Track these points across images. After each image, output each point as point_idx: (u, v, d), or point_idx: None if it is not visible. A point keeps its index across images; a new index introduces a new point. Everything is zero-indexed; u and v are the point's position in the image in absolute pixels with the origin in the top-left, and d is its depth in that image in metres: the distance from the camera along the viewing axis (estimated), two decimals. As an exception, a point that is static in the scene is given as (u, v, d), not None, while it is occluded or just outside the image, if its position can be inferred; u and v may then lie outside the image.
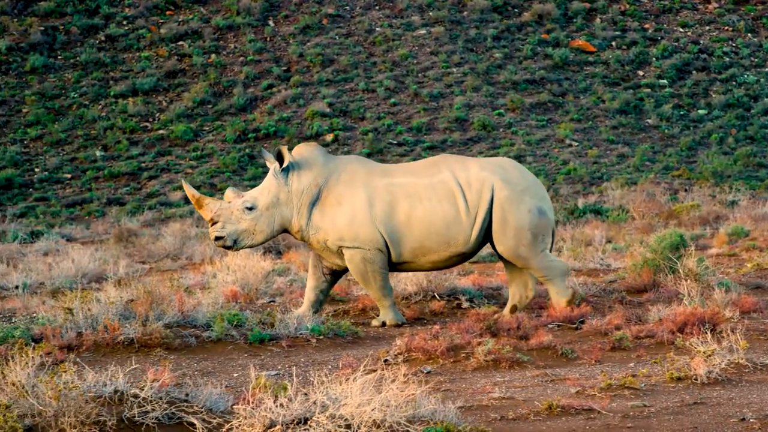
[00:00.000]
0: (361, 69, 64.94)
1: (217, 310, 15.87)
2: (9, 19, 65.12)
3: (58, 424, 9.79)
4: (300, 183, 16.73)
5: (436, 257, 16.81)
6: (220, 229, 16.61)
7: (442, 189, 16.72)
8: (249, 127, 59.59)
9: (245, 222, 16.61)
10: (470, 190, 16.75)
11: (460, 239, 16.71)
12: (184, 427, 10.04)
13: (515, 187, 16.83)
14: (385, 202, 16.62)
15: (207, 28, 66.53)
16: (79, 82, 62.46)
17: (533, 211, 16.84)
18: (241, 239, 16.67)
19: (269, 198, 16.69)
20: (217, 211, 16.63)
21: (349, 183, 16.72)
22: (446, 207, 16.66)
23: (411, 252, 16.72)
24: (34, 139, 58.14)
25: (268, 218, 16.68)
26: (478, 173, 16.83)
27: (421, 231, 16.61)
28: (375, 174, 16.87)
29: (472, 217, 16.72)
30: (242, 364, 14.05)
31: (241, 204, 16.65)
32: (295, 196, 16.70)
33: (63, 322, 14.88)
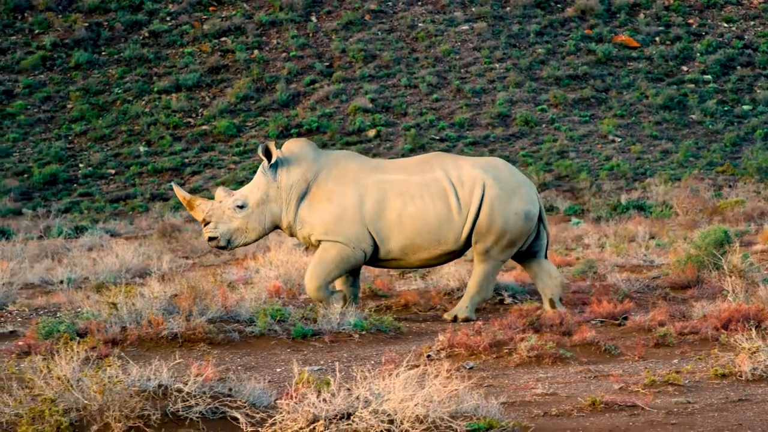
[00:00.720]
0: (404, 65, 64.91)
1: (260, 306, 15.90)
2: (54, 16, 65.54)
3: (103, 419, 9.84)
4: (289, 178, 16.64)
5: (426, 255, 16.71)
6: (212, 230, 16.57)
7: (434, 187, 16.64)
8: (291, 122, 59.70)
9: (237, 221, 16.56)
10: (462, 188, 16.68)
11: (451, 237, 16.63)
12: (228, 422, 10.07)
13: (505, 186, 16.78)
14: (375, 200, 16.52)
15: (250, 23, 66.69)
16: (123, 78, 62.79)
17: (520, 214, 16.79)
18: (234, 238, 16.63)
19: (259, 195, 16.64)
20: (208, 211, 16.58)
21: (340, 179, 16.61)
22: (439, 205, 16.58)
23: (401, 249, 16.62)
24: (79, 135, 58.50)
25: (259, 215, 16.62)
26: (470, 171, 16.77)
27: (413, 229, 16.52)
28: (366, 170, 16.77)
29: (464, 215, 16.65)
30: (285, 359, 14.08)
31: (232, 203, 16.60)
32: (284, 191, 16.62)
33: (107, 317, 14.96)
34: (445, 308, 17.81)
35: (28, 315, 16.90)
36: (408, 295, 18.36)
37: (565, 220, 43.56)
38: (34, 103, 60.48)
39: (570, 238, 33.75)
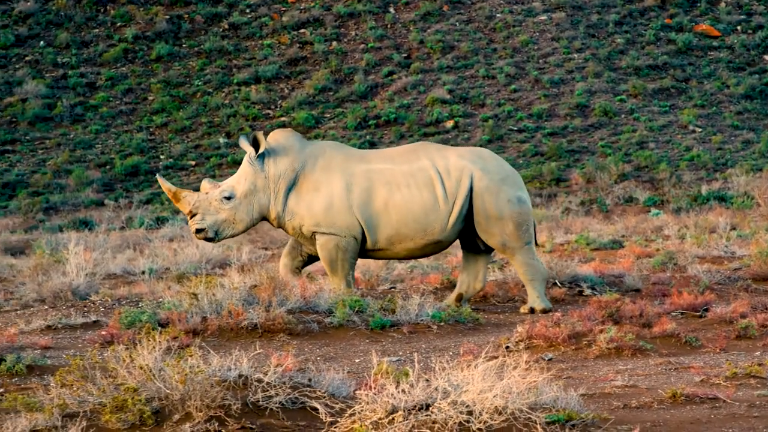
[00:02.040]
0: (482, 55, 64.73)
1: (338, 296, 15.96)
2: (136, 9, 66.19)
3: (185, 408, 9.93)
4: (276, 169, 16.56)
5: (412, 245, 16.65)
6: (199, 221, 16.42)
7: (421, 176, 16.57)
8: (369, 114, 59.79)
9: (224, 212, 16.43)
10: (449, 178, 16.60)
11: (437, 227, 16.55)
12: (307, 412, 10.12)
13: (494, 176, 16.72)
14: (362, 189, 16.46)
15: (328, 15, 66.87)
16: (203, 70, 63.26)
17: (512, 200, 16.72)
18: (222, 230, 16.50)
19: (247, 186, 16.54)
20: (195, 203, 16.42)
21: (327, 169, 16.55)
22: (425, 194, 16.51)
23: (387, 239, 16.57)
24: (160, 127, 59.05)
25: (247, 206, 16.51)
26: (456, 161, 16.70)
27: (399, 218, 16.47)
28: (352, 160, 16.70)
29: (449, 205, 16.57)
30: (364, 350, 14.12)
31: (219, 194, 16.46)
32: (272, 182, 16.53)
33: (188, 307, 15.10)
34: (523, 299, 17.76)
35: (110, 305, 17.11)
36: (486, 286, 18.33)
37: (645, 211, 43.22)
38: (116, 95, 61.15)
39: (649, 229, 33.49)
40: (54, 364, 12.89)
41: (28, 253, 29.76)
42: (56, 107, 59.25)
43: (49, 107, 59.30)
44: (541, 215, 39.02)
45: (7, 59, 62.51)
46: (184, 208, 16.49)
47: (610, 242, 28.49)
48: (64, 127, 58.32)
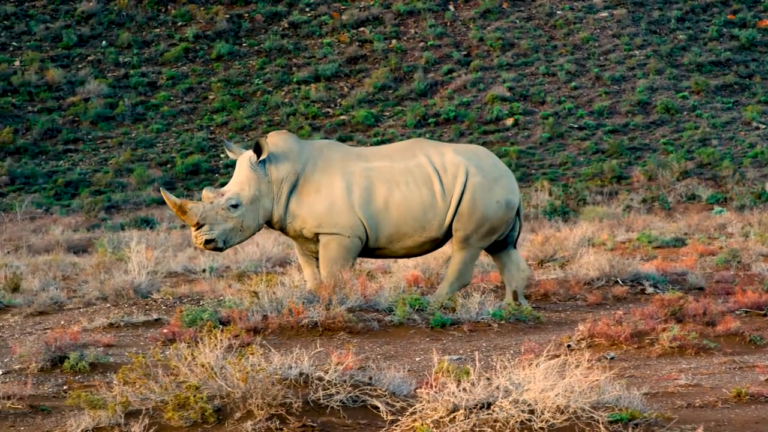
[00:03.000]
0: (542, 53, 64.49)
1: (398, 295, 15.94)
2: (196, 8, 66.57)
3: (246, 406, 9.95)
4: (279, 172, 16.36)
5: (411, 243, 16.49)
6: (208, 232, 16.07)
7: (419, 173, 16.44)
8: (429, 112, 59.75)
9: (232, 220, 16.15)
10: (446, 174, 16.48)
11: (435, 224, 16.42)
12: (368, 411, 10.11)
13: (487, 174, 16.60)
14: (362, 188, 16.31)
15: (388, 13, 66.89)
16: (263, 68, 63.50)
17: (501, 202, 16.60)
18: (230, 238, 16.21)
19: (252, 191, 16.29)
20: (201, 214, 16.08)
21: (326, 169, 16.40)
22: (423, 191, 16.38)
23: (387, 238, 16.41)
24: (220, 126, 59.35)
25: (253, 212, 16.26)
26: (452, 158, 16.57)
27: (398, 216, 16.33)
28: (350, 159, 16.55)
29: (447, 201, 16.44)
30: (424, 348, 14.09)
31: (225, 202, 16.16)
32: (275, 185, 16.33)
33: (249, 306, 15.15)
34: (584, 298, 17.66)
35: (172, 303, 17.20)
36: (547, 284, 18.24)
37: (708, 208, 42.86)
38: (177, 94, 61.54)
39: (712, 227, 33.20)
40: (116, 362, 12.99)
41: (91, 252, 30.03)
42: (118, 106, 59.73)
43: (111, 107, 59.79)
44: (602, 213, 38.81)
45: (69, 59, 63.10)
46: (191, 220, 16.11)
47: (673, 240, 28.27)
48: (126, 127, 58.78)
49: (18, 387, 11.43)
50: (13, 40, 63.94)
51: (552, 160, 55.06)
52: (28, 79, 60.70)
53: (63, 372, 12.67)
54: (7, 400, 11.03)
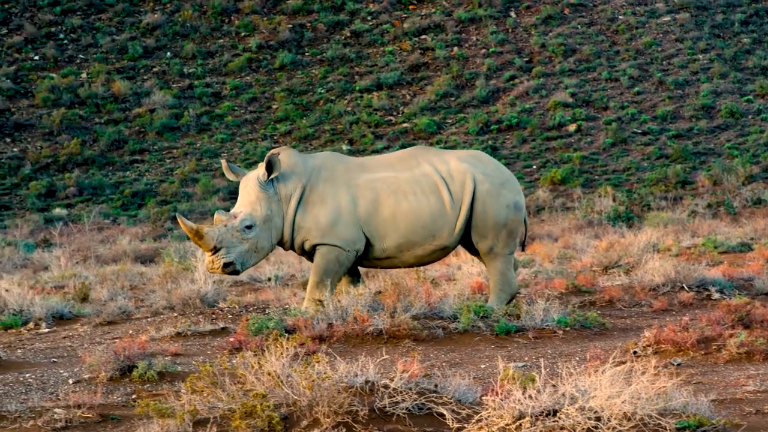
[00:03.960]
0: (604, 58, 64.18)
1: (463, 302, 15.95)
2: (259, 18, 66.95)
3: (312, 414, 10.01)
4: (286, 189, 16.28)
5: (421, 251, 16.40)
6: (225, 255, 15.96)
7: (425, 182, 16.36)
8: (491, 118, 59.66)
9: (247, 242, 16.03)
10: (453, 182, 16.40)
11: (445, 232, 16.35)
12: (434, 418, 10.14)
13: (494, 180, 16.55)
14: (368, 200, 16.22)
15: (449, 21, 66.89)
16: (326, 77, 63.73)
17: (510, 205, 16.57)
18: (246, 260, 16.10)
19: (264, 211, 16.17)
20: (218, 237, 15.94)
21: (330, 181, 16.29)
22: (432, 200, 16.31)
23: (396, 247, 16.31)
24: (283, 135, 59.62)
25: (267, 232, 16.15)
26: (457, 165, 16.50)
27: (407, 226, 16.23)
28: (353, 170, 16.47)
29: (456, 209, 16.38)
30: (489, 356, 14.09)
31: (240, 224, 16.04)
32: (284, 203, 16.24)
33: (314, 314, 15.23)
34: (650, 304, 17.56)
35: (238, 312, 17.32)
36: (612, 290, 18.16)
37: (774, 213, 42.41)
38: (241, 104, 61.90)
39: (779, 231, 32.85)
40: (184, 371, 13.10)
41: (158, 261, 30.28)
42: (183, 117, 60.19)
43: (176, 117, 60.26)
44: (667, 218, 38.55)
45: (135, 70, 63.70)
46: (207, 245, 15.99)
47: (739, 245, 28.04)
48: (191, 137, 59.22)
49: (88, 396, 11.58)
50: (79, 53, 64.67)
51: (615, 166, 54.76)
52: (94, 91, 61.34)
53: (132, 381, 12.81)
54: (78, 409, 11.18)
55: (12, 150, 57.03)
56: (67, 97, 60.86)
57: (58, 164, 55.85)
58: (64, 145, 57.05)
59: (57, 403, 11.54)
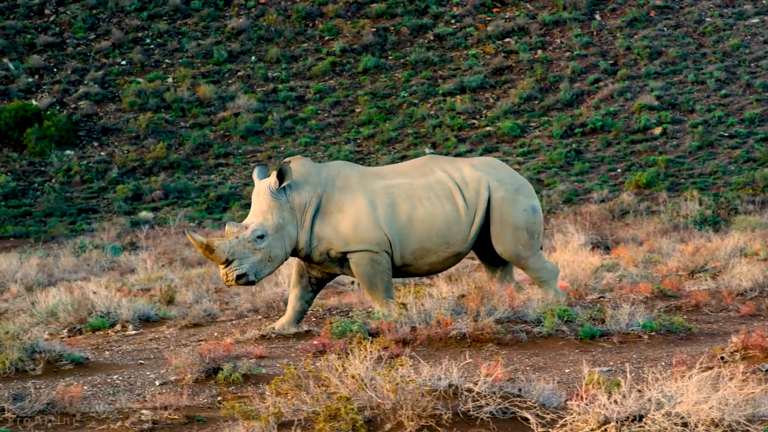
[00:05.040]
0: (691, 60, 63.55)
1: (547, 306, 15.88)
2: (343, 22, 67.21)
3: (396, 417, 10.02)
4: (301, 198, 16.12)
5: (435, 258, 16.31)
6: (238, 267, 15.81)
7: (440, 188, 16.27)
8: (576, 122, 59.33)
9: (260, 251, 15.87)
10: (467, 189, 16.31)
11: (459, 238, 16.26)
12: (518, 422, 10.10)
13: (509, 186, 16.48)
14: (386, 205, 16.12)
15: (533, 24, 66.65)
16: (409, 81, 63.79)
17: (528, 209, 16.49)
18: (260, 270, 15.93)
19: (276, 220, 15.99)
20: (230, 250, 15.80)
21: (346, 189, 16.18)
22: (447, 207, 16.21)
23: (412, 254, 16.22)
24: (367, 138, 59.78)
25: (279, 241, 15.96)
26: (471, 172, 16.42)
27: (423, 232, 16.13)
28: (368, 177, 16.36)
29: (471, 215, 16.28)
30: (573, 360, 14.01)
31: (251, 234, 15.88)
32: (298, 212, 16.09)
33: (397, 317, 15.24)
34: (737, 309, 17.34)
35: (321, 315, 17.38)
36: (698, 295, 17.97)
37: None
38: (325, 108, 62.18)
39: None
40: (268, 373, 13.18)
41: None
42: (267, 121, 60.60)
43: (260, 121, 60.68)
44: (754, 222, 38.06)
45: (220, 75, 64.25)
46: (220, 258, 15.88)
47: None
48: (275, 140, 59.60)
49: (174, 398, 11.69)
50: (165, 58, 65.37)
51: (702, 169, 54.21)
52: (180, 96, 61.96)
53: (217, 383, 12.91)
54: (164, 411, 11.29)
55: (99, 154, 57.79)
56: (153, 101, 61.55)
57: (144, 168, 56.49)
58: (150, 149, 57.70)
59: (144, 405, 11.66)
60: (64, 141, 57.84)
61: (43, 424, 11.04)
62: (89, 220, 50.07)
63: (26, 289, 26.05)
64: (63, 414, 11.26)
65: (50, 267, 31.18)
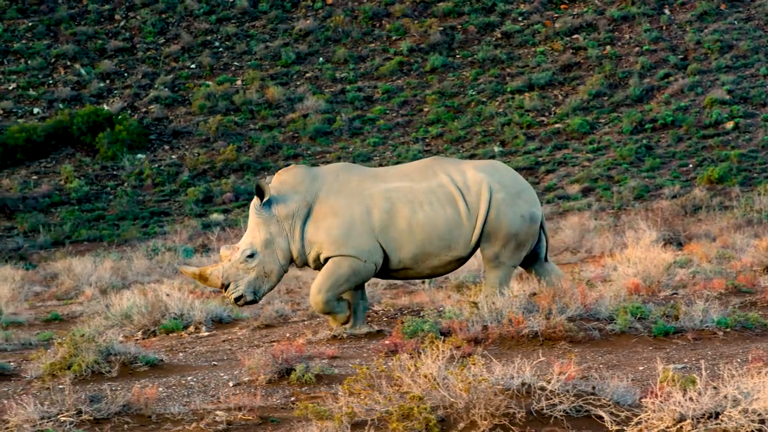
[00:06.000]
0: (762, 53, 62.86)
1: (619, 303, 15.78)
2: (410, 22, 67.24)
3: (469, 416, 10.02)
4: (287, 208, 16.01)
5: (437, 262, 16.10)
6: (234, 289, 15.93)
7: (441, 192, 16.08)
8: (645, 117, 58.90)
9: (253, 270, 15.93)
10: (469, 192, 16.10)
11: (462, 242, 16.05)
12: (592, 421, 10.06)
13: (510, 189, 16.24)
14: (383, 210, 15.94)
15: (602, 19, 66.26)
16: (477, 79, 63.68)
17: (525, 216, 16.22)
18: (259, 287, 15.98)
19: (263, 235, 16.00)
20: (223, 274, 15.94)
21: (342, 192, 16.05)
22: (448, 210, 16.01)
23: (412, 258, 16.02)
24: (435, 138, 59.76)
25: (271, 255, 15.96)
26: (474, 175, 16.20)
27: (424, 236, 15.93)
28: (368, 180, 16.20)
29: (473, 219, 16.07)
30: (647, 357, 13.91)
31: (241, 255, 15.95)
32: (285, 222, 15.99)
33: (469, 316, 15.22)
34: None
35: (392, 314, 17.41)
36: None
37: None
38: (393, 107, 62.24)
39: None
40: (341, 374, 13.22)
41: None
42: (335, 121, 60.78)
43: (329, 122, 60.88)
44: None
45: (288, 76, 64.54)
46: (215, 284, 16.07)
47: None
48: (344, 141, 59.77)
49: (248, 398, 11.77)
50: (234, 60, 65.78)
51: (775, 163, 53.61)
52: (249, 98, 62.33)
53: (290, 384, 12.97)
54: (238, 412, 11.37)
55: (170, 157, 58.29)
56: (222, 104, 61.96)
57: (214, 170, 56.89)
58: (220, 152, 58.10)
59: (218, 406, 11.75)
60: (136, 145, 58.40)
61: (119, 426, 11.15)
62: (161, 223, 50.53)
63: (101, 292, 26.35)
64: (139, 415, 11.38)
65: (124, 270, 31.50)
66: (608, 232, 32.87)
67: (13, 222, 50.91)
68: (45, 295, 28.68)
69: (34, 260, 42.40)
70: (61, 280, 30.56)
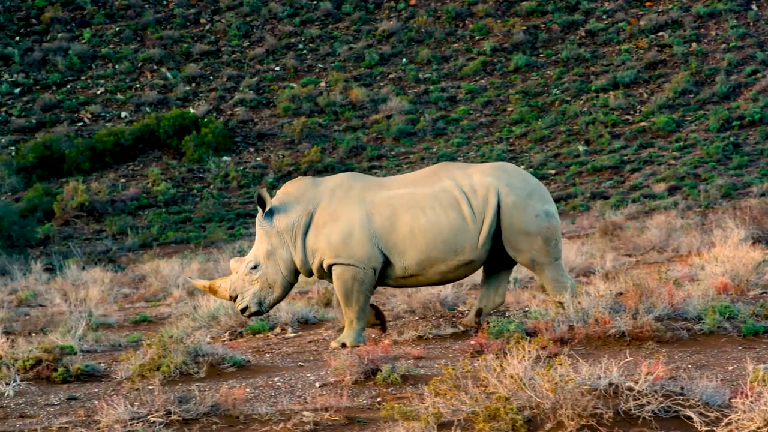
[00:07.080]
0: None
1: (707, 302, 15.63)
2: (493, 21, 67.10)
3: (556, 417, 9.99)
4: (288, 219, 16.05)
5: (444, 267, 15.96)
6: (240, 301, 16.19)
7: (444, 197, 15.94)
8: (733, 115, 58.22)
9: (257, 282, 16.10)
10: (475, 196, 15.95)
11: (468, 246, 15.88)
12: (681, 421, 9.98)
13: (520, 191, 16.05)
14: (384, 217, 15.86)
15: (687, 16, 65.63)
16: (561, 78, 63.37)
17: (540, 214, 16.02)
18: (264, 298, 16.12)
19: (265, 247, 16.13)
20: (231, 286, 16.19)
21: (345, 200, 15.99)
22: (451, 215, 15.87)
23: (418, 264, 15.90)
24: (519, 137, 59.57)
25: (273, 266, 16.07)
26: (481, 179, 16.03)
27: (427, 242, 15.81)
28: (371, 188, 16.13)
29: (479, 223, 15.90)
30: (736, 357, 13.76)
31: (245, 268, 16.14)
32: (286, 234, 16.03)
33: (554, 316, 15.17)
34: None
35: (478, 315, 17.35)
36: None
37: None
38: (476, 107, 62.14)
39: None
40: (427, 374, 13.24)
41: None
42: (419, 122, 60.80)
43: (413, 122, 60.91)
44: None
45: (372, 78, 64.69)
46: (224, 296, 16.40)
47: None
48: (427, 142, 59.78)
49: (334, 399, 11.83)
50: (318, 62, 66.09)
51: None
52: (333, 100, 62.58)
53: (376, 384, 13.02)
54: (325, 412, 11.44)
55: (256, 159, 58.70)
56: (306, 106, 62.29)
57: (299, 172, 57.20)
58: (304, 153, 58.40)
59: (305, 406, 11.82)
60: (221, 147, 58.89)
61: (208, 426, 11.27)
62: (247, 225, 50.90)
63: (188, 294, 26.60)
64: (227, 416, 11.49)
65: (210, 272, 31.78)
66: (695, 231, 32.55)
67: (102, 225, 51.58)
68: (134, 296, 29.03)
69: (122, 262, 42.94)
70: (149, 282, 30.91)
